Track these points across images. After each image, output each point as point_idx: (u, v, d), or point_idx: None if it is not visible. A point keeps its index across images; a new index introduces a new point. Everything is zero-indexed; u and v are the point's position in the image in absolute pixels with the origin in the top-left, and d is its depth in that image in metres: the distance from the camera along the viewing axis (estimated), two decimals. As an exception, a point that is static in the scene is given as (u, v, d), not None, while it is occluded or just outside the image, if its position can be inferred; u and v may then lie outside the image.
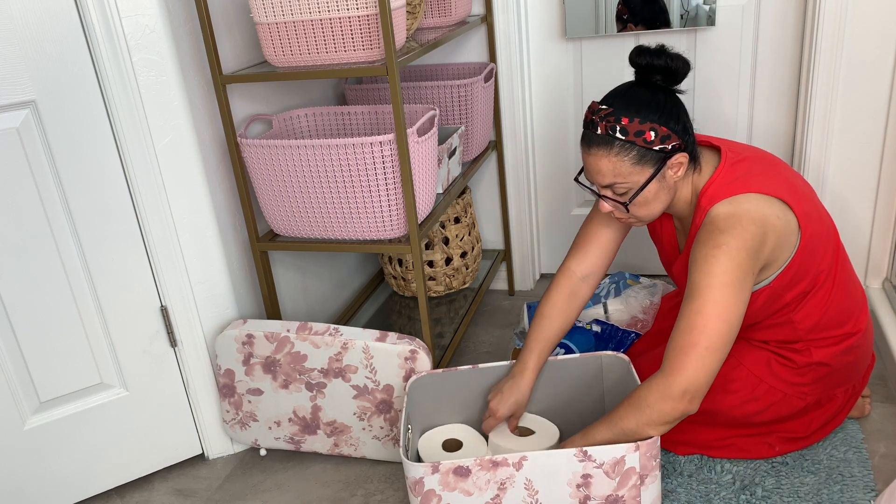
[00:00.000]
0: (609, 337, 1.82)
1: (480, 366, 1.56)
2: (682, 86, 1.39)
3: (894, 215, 2.02)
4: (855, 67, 1.90)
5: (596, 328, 1.84)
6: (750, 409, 1.51)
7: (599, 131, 1.33)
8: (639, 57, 1.34)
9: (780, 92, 2.10)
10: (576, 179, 1.47)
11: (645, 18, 2.08)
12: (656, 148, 1.31)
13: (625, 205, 1.37)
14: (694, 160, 1.40)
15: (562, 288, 1.57)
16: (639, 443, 1.27)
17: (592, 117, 1.35)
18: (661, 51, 1.33)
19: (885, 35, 1.86)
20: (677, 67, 1.33)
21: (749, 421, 1.53)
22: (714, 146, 1.46)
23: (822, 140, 1.99)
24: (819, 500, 1.46)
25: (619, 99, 1.34)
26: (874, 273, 2.09)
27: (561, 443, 1.44)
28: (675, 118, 1.33)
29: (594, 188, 1.42)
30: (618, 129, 1.31)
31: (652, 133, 1.31)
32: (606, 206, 1.41)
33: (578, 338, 1.83)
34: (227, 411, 1.74)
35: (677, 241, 1.58)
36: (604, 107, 1.34)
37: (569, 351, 1.81)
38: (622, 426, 1.30)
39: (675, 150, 1.33)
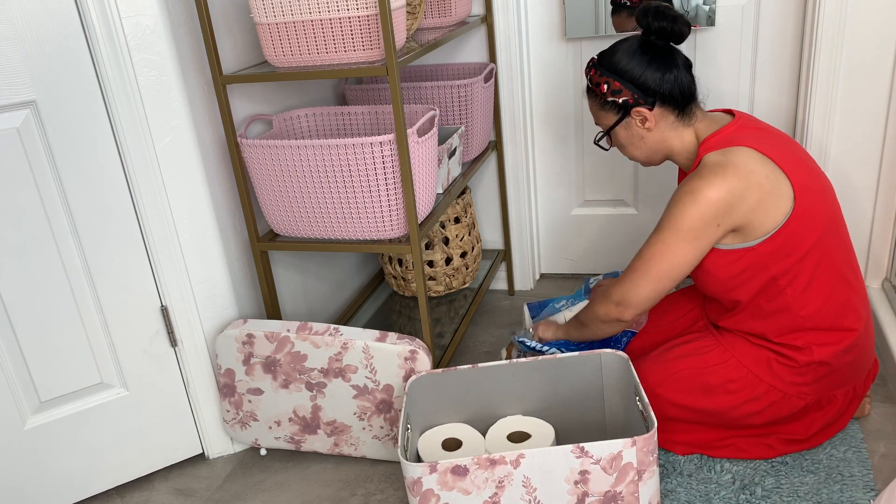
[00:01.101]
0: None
1: (480, 366, 1.56)
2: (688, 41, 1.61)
3: (894, 215, 2.02)
4: (855, 67, 1.90)
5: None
6: (750, 408, 1.50)
7: (585, 78, 1.62)
8: (642, 17, 1.49)
9: (780, 92, 2.10)
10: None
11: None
12: (609, 100, 1.52)
13: (597, 143, 1.60)
14: (683, 113, 1.51)
15: None
16: (635, 438, 1.27)
17: (586, 66, 1.61)
18: (660, 13, 1.47)
19: (884, 35, 1.86)
20: (678, 29, 1.47)
21: (749, 422, 1.53)
22: (732, 113, 1.55)
23: (822, 140, 1.99)
24: (819, 499, 1.46)
25: (601, 55, 1.55)
26: (874, 273, 2.09)
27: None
28: (635, 80, 1.48)
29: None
30: (588, 79, 1.57)
31: (605, 86, 1.51)
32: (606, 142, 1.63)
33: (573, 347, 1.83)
34: (228, 411, 1.74)
35: None
36: (594, 58, 1.56)
37: (566, 349, 1.81)
38: (580, 315, 1.63)
39: (628, 105, 1.50)
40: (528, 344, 1.80)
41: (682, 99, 1.50)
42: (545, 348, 1.76)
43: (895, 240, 2.03)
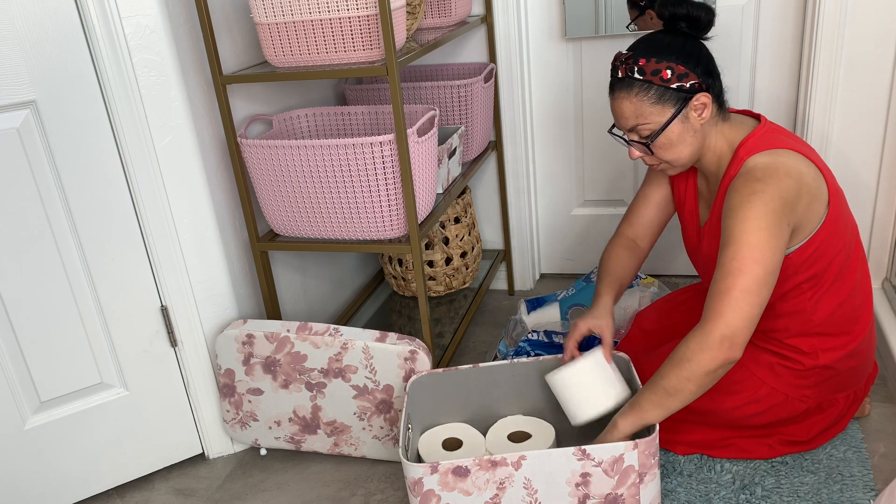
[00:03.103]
0: (589, 344, 1.83)
1: (480, 365, 1.56)
2: (711, 34, 1.44)
3: (894, 215, 2.02)
4: (854, 67, 1.91)
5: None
6: (751, 410, 1.50)
7: (620, 74, 1.39)
8: (662, 8, 1.39)
9: (780, 92, 2.10)
10: (609, 131, 1.51)
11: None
12: (674, 86, 1.35)
13: (647, 145, 1.40)
14: (721, 107, 1.42)
15: (617, 244, 1.66)
16: (637, 440, 1.27)
17: (615, 62, 1.40)
18: (684, 0, 1.37)
19: (884, 35, 1.86)
20: (699, 15, 1.37)
21: (749, 423, 1.53)
22: (753, 115, 1.49)
23: (822, 139, 1.99)
24: (819, 499, 1.46)
25: (640, 44, 1.39)
26: (874, 273, 2.09)
27: (612, 420, 1.37)
28: (696, 61, 1.36)
29: (624, 137, 1.45)
30: (636, 69, 1.36)
31: (668, 71, 1.34)
32: (635, 151, 1.45)
33: (554, 352, 1.85)
34: (228, 411, 1.74)
35: (699, 212, 1.57)
36: (626, 51, 1.39)
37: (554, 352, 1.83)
38: (664, 384, 1.29)
39: (693, 90, 1.36)
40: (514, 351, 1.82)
41: (721, 89, 1.42)
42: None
43: (895, 240, 2.03)
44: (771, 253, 1.26)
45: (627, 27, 2.08)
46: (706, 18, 1.37)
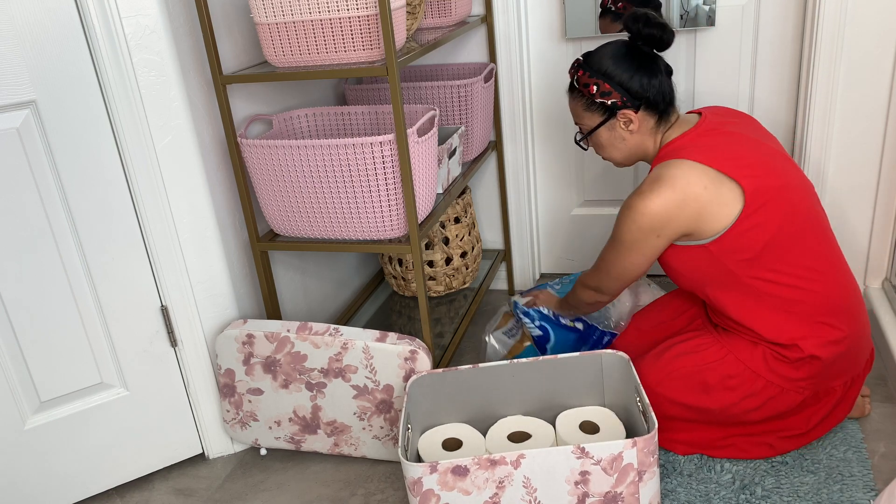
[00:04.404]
0: (586, 336, 1.87)
1: (480, 366, 1.56)
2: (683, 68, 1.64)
3: (894, 215, 2.02)
4: (855, 67, 1.91)
5: (579, 325, 1.88)
6: (748, 404, 1.51)
7: (569, 78, 1.63)
8: (627, 21, 1.53)
9: (780, 92, 2.10)
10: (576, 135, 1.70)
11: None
12: (597, 101, 1.54)
13: (578, 143, 1.64)
14: (662, 117, 1.55)
15: None
16: (636, 439, 1.27)
17: (570, 67, 1.62)
18: (651, 20, 1.51)
19: (884, 35, 1.86)
20: (653, 34, 1.51)
21: (748, 418, 1.53)
22: (701, 114, 1.59)
23: (822, 140, 1.99)
24: (819, 499, 1.46)
25: (588, 56, 1.57)
26: (874, 273, 2.09)
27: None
28: (622, 84, 1.51)
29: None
30: (575, 78, 1.58)
31: (595, 87, 1.53)
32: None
33: (560, 334, 1.87)
34: (228, 411, 1.74)
35: None
36: (579, 58, 1.59)
37: (545, 336, 1.89)
38: (568, 300, 1.78)
39: (615, 107, 1.53)
40: (522, 310, 1.89)
41: (663, 105, 1.54)
42: (536, 322, 1.87)
43: (895, 240, 2.03)
44: (629, 258, 1.51)
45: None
46: (661, 37, 1.51)
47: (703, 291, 1.54)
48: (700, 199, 1.41)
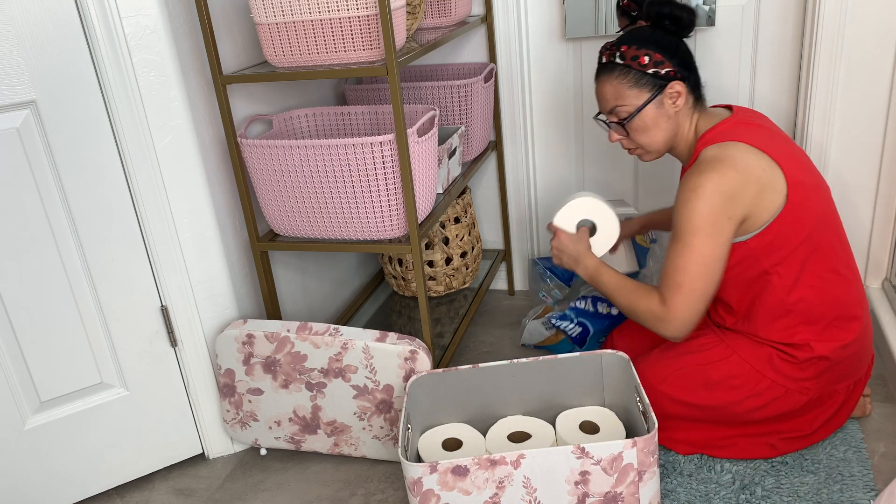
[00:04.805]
0: (620, 319, 1.98)
1: (480, 366, 1.56)
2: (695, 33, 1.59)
3: (894, 215, 2.02)
4: (855, 67, 1.91)
5: (613, 311, 1.99)
6: (752, 404, 1.51)
7: (604, 60, 1.53)
8: (650, 7, 1.51)
9: (780, 92, 2.10)
10: (595, 117, 1.63)
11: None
12: (650, 71, 1.47)
13: (624, 126, 1.52)
14: (697, 100, 1.53)
15: None
16: (636, 439, 1.27)
17: (601, 50, 1.55)
18: (675, 2, 1.50)
19: (884, 35, 1.86)
20: (681, 15, 1.49)
21: (751, 417, 1.53)
22: (731, 108, 1.57)
23: (822, 139, 1.99)
24: (819, 499, 1.46)
25: (625, 35, 1.53)
26: (874, 273, 2.09)
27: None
28: (673, 53, 1.48)
29: (605, 122, 1.57)
30: (618, 54, 1.50)
31: (646, 58, 1.47)
32: (614, 135, 1.57)
33: (598, 325, 1.97)
34: (228, 411, 1.74)
35: None
36: (611, 41, 1.53)
37: (585, 331, 1.96)
38: (618, 300, 1.53)
39: (668, 78, 1.48)
40: (558, 316, 1.98)
41: (698, 82, 1.53)
42: (574, 321, 1.95)
43: (895, 240, 2.03)
44: (712, 251, 1.40)
45: (617, 33, 2.09)
46: (688, 18, 1.50)
47: (726, 294, 1.53)
48: (760, 181, 1.39)
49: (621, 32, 1.57)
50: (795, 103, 2.09)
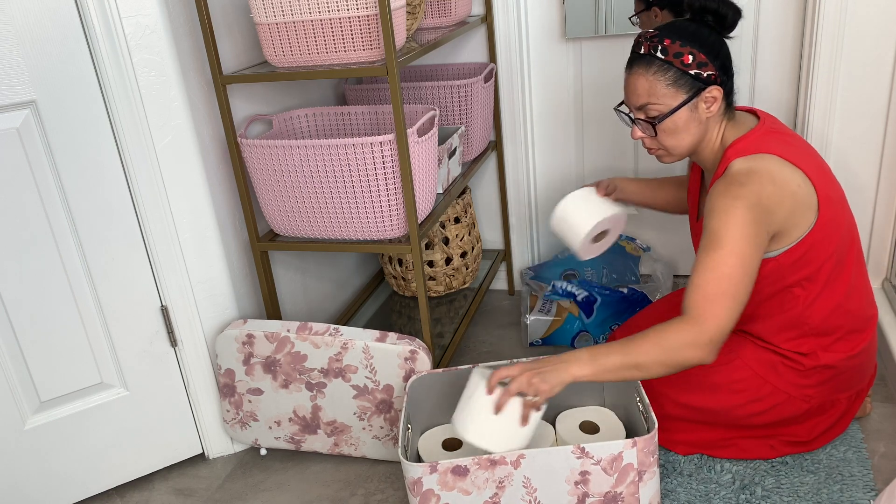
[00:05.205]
0: (635, 301, 2.02)
1: (480, 365, 1.56)
2: (734, 34, 1.45)
3: (894, 215, 2.02)
4: (855, 68, 1.90)
5: (624, 290, 2.02)
6: (753, 409, 1.50)
7: (642, 51, 1.40)
8: (697, 0, 1.40)
9: (780, 92, 2.10)
10: (616, 108, 1.53)
11: (672, 2, 2.01)
12: (692, 72, 1.36)
13: (653, 125, 1.41)
14: (729, 106, 1.44)
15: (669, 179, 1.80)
16: (636, 439, 1.27)
17: (639, 39, 1.42)
18: None
19: (884, 35, 1.86)
20: (727, 13, 1.38)
21: (751, 422, 1.53)
22: (755, 114, 1.49)
23: (822, 139, 1.99)
24: (819, 499, 1.46)
25: (668, 27, 1.40)
26: (874, 273, 2.09)
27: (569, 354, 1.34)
28: (716, 55, 1.38)
29: (629, 115, 1.47)
30: (659, 48, 1.37)
31: (690, 56, 1.36)
32: (638, 131, 1.46)
33: (608, 296, 2.01)
34: (228, 411, 1.74)
35: (698, 205, 1.59)
36: (652, 31, 1.40)
37: (591, 297, 2.00)
38: (637, 359, 1.27)
39: (709, 81, 1.37)
40: (559, 290, 2.03)
41: (733, 89, 1.44)
42: (580, 291, 2.02)
43: (895, 240, 2.03)
44: (753, 260, 1.30)
45: (630, 19, 2.08)
46: (733, 17, 1.39)
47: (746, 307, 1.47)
48: (795, 196, 1.33)
49: (637, 23, 1.50)
50: (795, 103, 2.09)
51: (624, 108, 1.67)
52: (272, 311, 1.80)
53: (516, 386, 1.28)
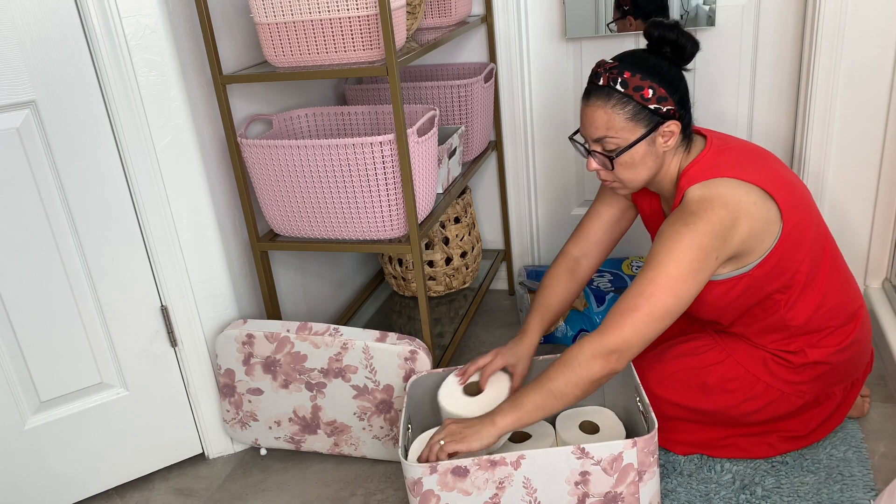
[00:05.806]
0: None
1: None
2: (689, 66, 1.43)
3: (894, 216, 2.02)
4: (855, 68, 1.90)
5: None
6: (748, 407, 1.51)
7: (601, 82, 1.37)
8: (652, 28, 1.39)
9: (780, 92, 2.10)
10: (570, 137, 1.50)
11: (646, 13, 2.06)
12: (651, 107, 1.34)
13: (611, 160, 1.39)
14: (687, 138, 1.43)
15: (559, 265, 1.65)
16: (636, 439, 1.27)
17: (598, 69, 1.39)
18: (675, 26, 1.37)
19: (884, 36, 1.86)
20: (685, 44, 1.37)
21: (747, 420, 1.53)
22: (702, 134, 1.49)
23: (822, 140, 1.99)
24: (819, 499, 1.46)
25: (626, 58, 1.38)
26: (874, 273, 2.09)
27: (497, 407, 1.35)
28: (675, 89, 1.37)
29: (585, 146, 1.44)
30: (619, 80, 1.34)
31: (650, 91, 1.34)
32: (593, 163, 1.43)
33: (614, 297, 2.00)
34: (228, 411, 1.74)
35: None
36: (610, 61, 1.38)
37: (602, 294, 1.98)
38: (551, 386, 1.30)
39: (668, 116, 1.36)
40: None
41: (691, 121, 1.44)
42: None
43: (895, 240, 2.03)
44: (687, 287, 1.30)
45: (608, 25, 2.09)
46: (691, 50, 1.38)
47: (725, 319, 1.49)
48: (752, 216, 1.33)
49: (614, 30, 1.48)
50: (795, 103, 2.09)
51: (579, 138, 1.65)
52: (272, 311, 1.80)
53: (440, 453, 1.30)
